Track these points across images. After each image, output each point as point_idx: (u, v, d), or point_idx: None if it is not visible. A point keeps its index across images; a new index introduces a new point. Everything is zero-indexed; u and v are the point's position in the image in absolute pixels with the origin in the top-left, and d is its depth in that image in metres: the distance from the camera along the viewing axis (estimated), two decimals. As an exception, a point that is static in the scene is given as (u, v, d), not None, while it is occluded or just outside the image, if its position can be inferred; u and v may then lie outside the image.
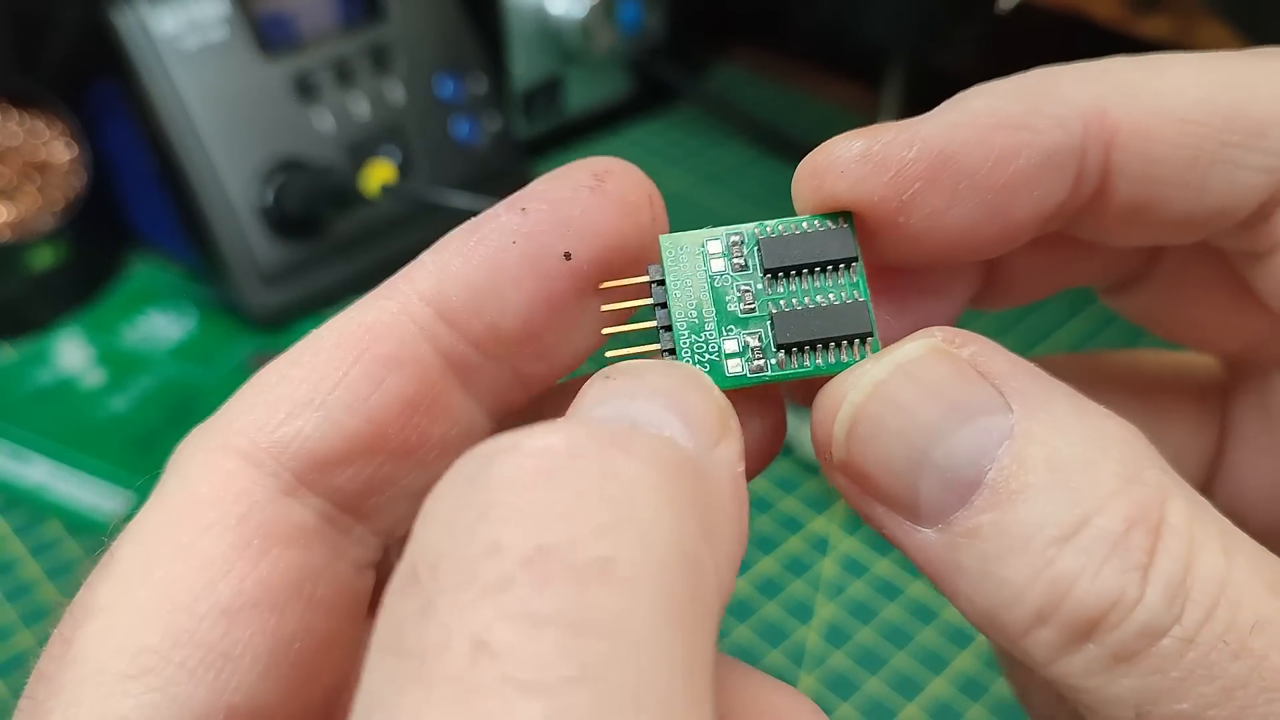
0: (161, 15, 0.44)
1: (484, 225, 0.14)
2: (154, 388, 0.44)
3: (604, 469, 0.10)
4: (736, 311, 0.14)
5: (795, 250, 0.15)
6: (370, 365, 0.13)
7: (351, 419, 0.13)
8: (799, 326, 0.14)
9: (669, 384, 0.12)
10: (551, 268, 0.14)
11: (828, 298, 0.14)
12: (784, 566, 0.37)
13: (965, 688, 0.33)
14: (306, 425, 0.13)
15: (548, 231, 0.14)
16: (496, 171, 0.53)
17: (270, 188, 0.46)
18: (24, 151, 0.47)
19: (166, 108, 0.44)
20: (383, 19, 0.49)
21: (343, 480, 0.13)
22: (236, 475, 0.13)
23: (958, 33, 0.54)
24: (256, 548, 0.13)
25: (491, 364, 0.14)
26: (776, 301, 0.14)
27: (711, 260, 0.15)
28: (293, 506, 0.13)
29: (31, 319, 0.47)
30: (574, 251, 0.14)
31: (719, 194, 0.56)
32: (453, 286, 0.14)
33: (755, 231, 0.15)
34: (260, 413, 0.13)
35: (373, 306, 0.14)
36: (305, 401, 0.13)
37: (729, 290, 0.15)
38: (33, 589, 0.36)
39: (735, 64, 0.67)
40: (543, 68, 0.56)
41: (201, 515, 0.13)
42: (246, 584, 0.12)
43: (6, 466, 0.40)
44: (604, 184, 0.14)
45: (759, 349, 0.14)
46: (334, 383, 0.13)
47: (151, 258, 0.51)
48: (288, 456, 0.13)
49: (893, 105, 0.57)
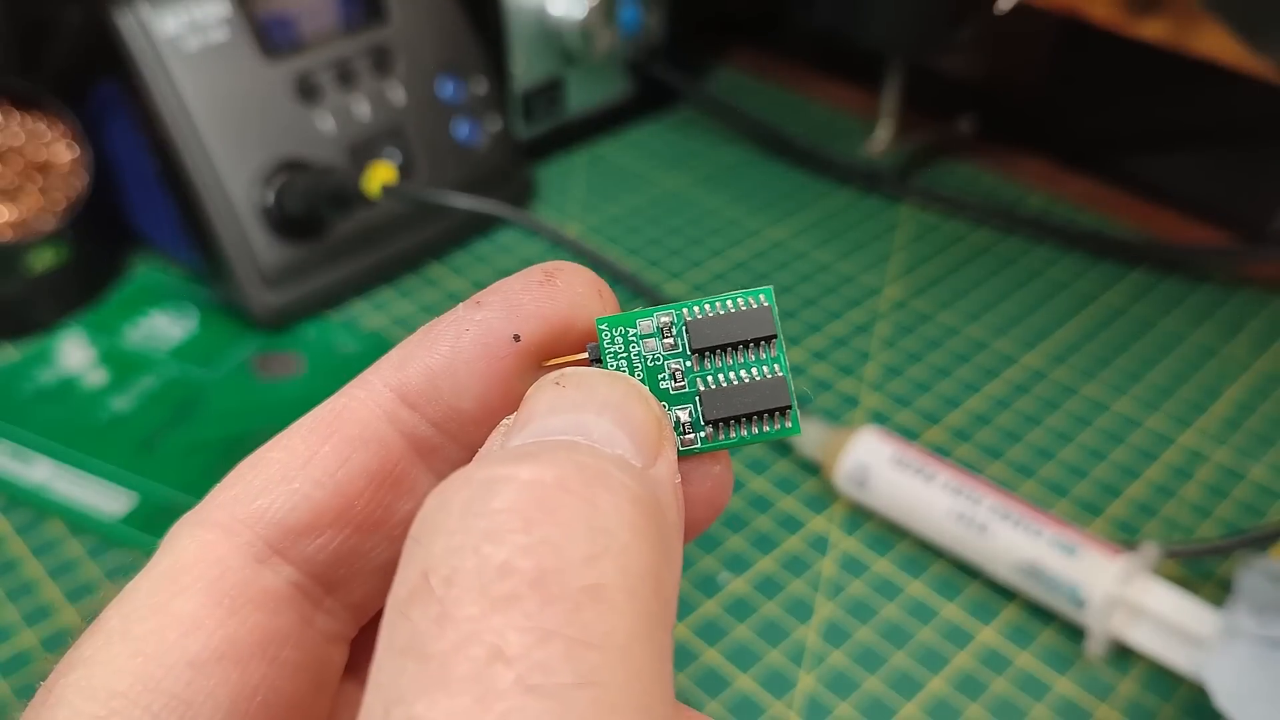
0: (163, 17, 0.44)
1: (443, 319, 0.16)
2: (156, 388, 0.44)
3: (589, 504, 0.12)
4: (669, 390, 0.16)
5: (719, 330, 0.16)
6: (338, 445, 0.15)
7: (319, 492, 0.15)
8: (724, 403, 0.15)
9: (614, 396, 0.14)
10: (501, 349, 0.15)
11: (750, 373, 0.16)
12: (783, 566, 0.37)
13: (964, 687, 0.33)
14: (279, 499, 0.15)
15: (499, 318, 0.15)
16: (497, 172, 0.53)
17: (271, 188, 0.46)
18: (26, 152, 0.47)
19: (168, 109, 0.44)
20: (384, 21, 0.49)
21: (312, 549, 0.15)
22: (214, 544, 0.14)
23: (956, 34, 0.54)
24: (226, 607, 0.14)
25: (452, 443, 0.16)
26: (704, 378, 0.16)
27: (644, 340, 0.16)
28: (264, 573, 0.14)
29: (33, 319, 0.47)
30: (522, 333, 0.15)
31: (719, 195, 0.56)
32: (412, 373, 0.15)
33: (685, 314, 0.16)
34: (238, 490, 0.15)
35: (344, 395, 0.16)
36: (279, 479, 0.15)
37: (661, 369, 0.16)
38: (34, 589, 0.36)
39: (735, 66, 0.68)
40: (543, 69, 0.56)
41: (179, 579, 0.14)
42: (214, 639, 0.14)
43: (8, 466, 0.40)
44: (554, 278, 0.16)
45: (689, 424, 0.15)
46: (305, 461, 0.15)
47: (153, 258, 0.52)
48: (261, 526, 0.14)
49: (892, 107, 0.57)
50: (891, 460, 0.37)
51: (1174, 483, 0.40)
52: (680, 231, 0.54)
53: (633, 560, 0.12)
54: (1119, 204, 0.55)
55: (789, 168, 0.59)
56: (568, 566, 0.11)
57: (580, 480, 0.12)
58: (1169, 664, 0.33)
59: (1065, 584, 0.34)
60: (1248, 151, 0.53)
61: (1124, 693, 0.33)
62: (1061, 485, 0.40)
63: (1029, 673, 0.34)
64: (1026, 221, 0.53)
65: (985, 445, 0.42)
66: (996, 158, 0.59)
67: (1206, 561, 0.37)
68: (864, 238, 0.53)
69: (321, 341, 0.47)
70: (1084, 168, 0.57)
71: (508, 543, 0.11)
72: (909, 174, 0.57)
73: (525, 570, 0.11)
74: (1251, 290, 0.50)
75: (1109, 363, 0.46)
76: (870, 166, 0.57)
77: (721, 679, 0.34)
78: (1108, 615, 0.33)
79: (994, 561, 0.35)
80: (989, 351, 0.46)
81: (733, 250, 0.52)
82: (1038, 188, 0.57)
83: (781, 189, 0.57)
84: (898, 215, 0.55)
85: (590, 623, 0.11)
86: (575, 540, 0.12)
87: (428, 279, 0.51)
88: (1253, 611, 0.32)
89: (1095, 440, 0.42)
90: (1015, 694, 0.33)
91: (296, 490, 0.15)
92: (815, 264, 0.52)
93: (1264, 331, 0.47)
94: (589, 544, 0.12)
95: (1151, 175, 0.55)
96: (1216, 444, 0.42)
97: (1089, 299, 0.49)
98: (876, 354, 0.46)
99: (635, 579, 0.12)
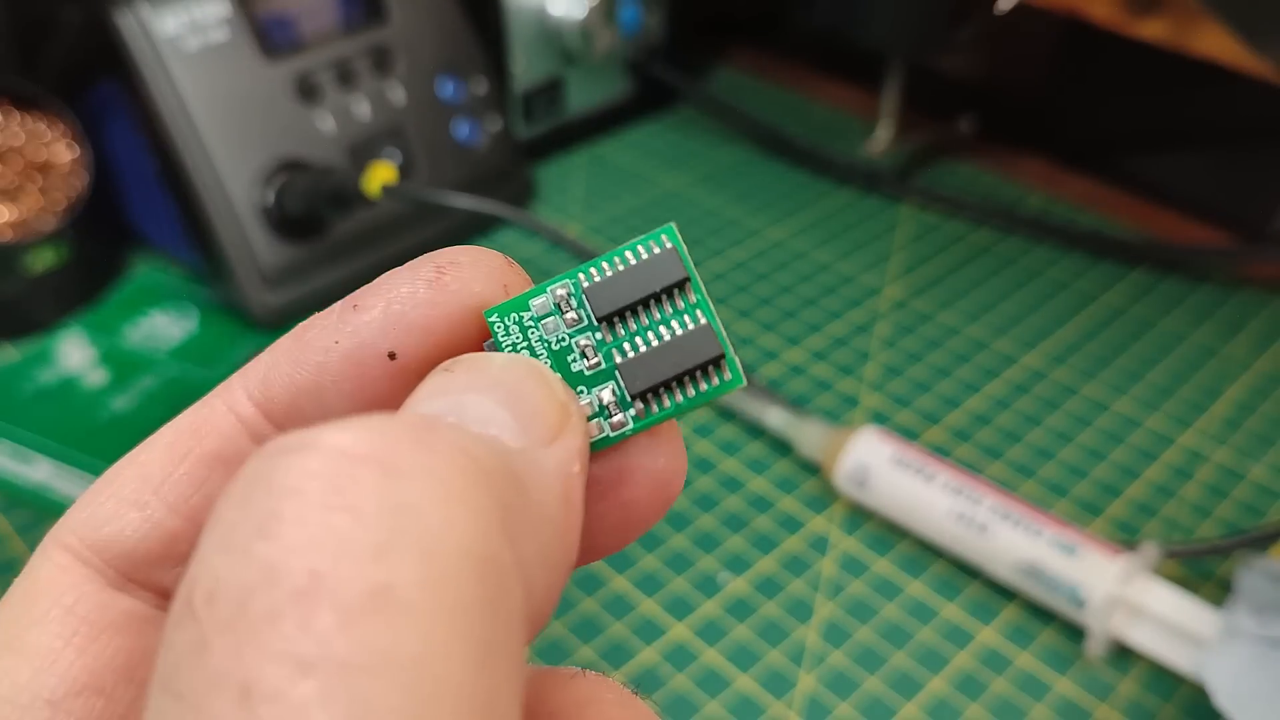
0: (163, 16, 0.44)
1: (315, 324, 0.13)
2: (156, 388, 0.44)
3: (389, 475, 0.10)
4: (583, 371, 0.13)
5: (623, 289, 0.13)
6: (195, 465, 0.13)
7: (174, 519, 0.13)
8: (647, 370, 0.13)
9: (508, 377, 0.12)
10: (374, 368, 0.13)
11: (670, 329, 0.13)
12: (783, 566, 0.37)
13: (964, 687, 0.33)
14: (128, 525, 0.13)
15: (373, 329, 0.13)
16: (497, 172, 0.53)
17: (271, 188, 0.46)
18: (26, 152, 0.47)
19: (168, 109, 0.44)
20: (384, 21, 0.49)
21: (169, 579, 0.13)
22: (68, 568, 0.13)
23: (956, 34, 0.54)
24: (84, 634, 0.13)
25: None
26: (619, 347, 0.13)
27: (543, 322, 0.13)
28: (122, 597, 0.13)
29: (33, 319, 0.47)
30: (399, 351, 0.13)
31: (719, 195, 0.56)
32: (276, 387, 0.13)
33: (580, 279, 0.13)
34: (89, 510, 0.13)
35: (206, 404, 0.14)
36: (131, 501, 0.13)
37: (569, 349, 0.13)
38: (35, 588, 0.36)
39: (735, 66, 0.68)
40: (543, 69, 0.56)
41: (33, 609, 0.13)
42: (72, 671, 0.12)
43: (9, 466, 0.40)
44: (444, 276, 0.13)
45: (614, 403, 0.13)
46: (160, 482, 0.13)
47: (153, 258, 0.52)
48: (111, 555, 0.13)
49: (892, 107, 0.57)
50: (891, 460, 0.37)
51: (1174, 483, 0.40)
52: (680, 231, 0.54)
53: (444, 543, 0.09)
54: (1119, 204, 0.55)
55: (789, 168, 0.59)
56: (345, 565, 0.09)
57: (381, 444, 0.10)
58: (1169, 664, 0.33)
59: (1065, 584, 0.34)
60: (1248, 151, 0.53)
61: (1124, 693, 0.33)
62: (1061, 485, 0.40)
63: (1029, 673, 0.34)
64: (1026, 221, 0.53)
65: (985, 445, 0.42)
66: (996, 158, 0.59)
67: (1206, 561, 0.37)
68: (864, 238, 0.53)
69: (321, 341, 0.47)
70: (1084, 168, 0.57)
71: (279, 537, 0.09)
72: (909, 174, 0.57)
73: (293, 575, 0.09)
74: (1251, 290, 0.50)
75: (1109, 363, 0.46)
76: (870, 166, 0.57)
77: (721, 679, 0.34)
78: (1108, 615, 0.33)
79: (994, 561, 0.35)
80: (989, 351, 0.46)
81: (733, 250, 0.52)
82: (1038, 188, 0.57)
83: (781, 189, 0.57)
84: (898, 215, 0.55)
85: (367, 642, 0.09)
86: (362, 525, 0.09)
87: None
88: (1253, 611, 0.32)
89: (1095, 440, 0.42)
90: (1015, 694, 0.33)
91: (149, 516, 0.13)
92: (815, 264, 0.52)
93: (1264, 331, 0.47)
94: (380, 529, 0.09)
95: (1151, 175, 0.55)
96: (1216, 444, 0.42)
97: (1089, 299, 0.49)
98: (876, 354, 0.46)
99: (443, 567, 0.09)
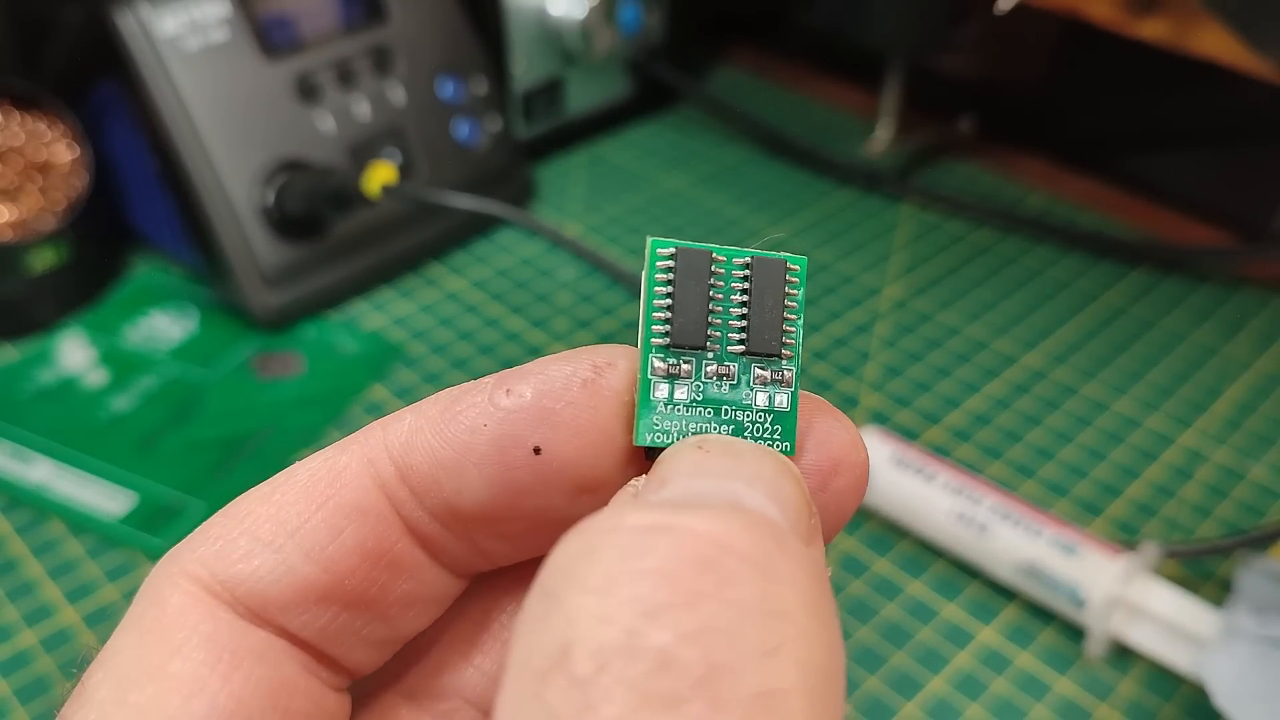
0: (163, 17, 0.44)
1: (465, 398, 0.13)
2: (156, 388, 0.44)
3: (763, 575, 0.10)
4: (725, 390, 0.14)
5: (687, 312, 0.14)
6: (332, 513, 0.13)
7: (308, 566, 0.13)
8: (763, 330, 0.14)
9: (765, 469, 0.12)
10: (518, 458, 0.13)
11: (742, 290, 0.14)
12: (783, 566, 0.37)
13: (964, 687, 0.33)
14: (262, 566, 0.13)
15: (524, 420, 0.13)
16: (497, 172, 0.53)
17: (272, 188, 0.46)
18: (26, 152, 0.47)
19: (168, 109, 0.44)
20: (384, 21, 0.49)
21: (296, 624, 0.13)
22: (199, 597, 0.13)
23: (957, 34, 0.54)
24: (227, 662, 0.13)
25: (449, 535, 0.14)
26: (726, 342, 0.14)
27: (676, 403, 0.14)
28: (253, 629, 0.13)
29: (33, 319, 0.47)
30: (545, 447, 0.13)
31: (719, 195, 0.56)
32: (418, 454, 0.13)
33: (654, 339, 0.13)
34: (220, 545, 0.13)
35: (346, 450, 0.14)
36: (266, 542, 0.13)
37: (711, 386, 0.14)
38: (34, 589, 0.36)
39: (735, 66, 0.68)
40: (543, 69, 0.56)
41: (170, 636, 0.13)
42: (220, 699, 0.12)
43: (9, 466, 0.40)
44: (599, 379, 0.13)
45: (765, 386, 0.14)
46: (296, 526, 0.13)
47: (153, 258, 0.52)
48: (241, 592, 0.13)
49: (892, 107, 0.57)
50: (891, 460, 0.37)
51: (1174, 483, 0.40)
52: (680, 231, 0.54)
53: (813, 655, 0.10)
54: (1119, 204, 0.55)
55: (789, 168, 0.59)
56: (740, 662, 0.09)
57: (751, 542, 0.10)
58: (1169, 664, 0.33)
59: (1065, 584, 0.34)
60: (1248, 151, 0.53)
61: (1124, 693, 0.33)
62: (1061, 485, 0.40)
63: (1029, 673, 0.34)
64: (1026, 221, 0.53)
65: (985, 445, 0.42)
66: (996, 158, 0.59)
67: (1206, 561, 0.37)
68: (864, 238, 0.53)
69: (321, 341, 0.47)
70: (1084, 168, 0.57)
71: (669, 622, 0.09)
72: (909, 174, 0.57)
73: (689, 664, 0.09)
74: (1251, 290, 0.50)
75: (1109, 363, 0.46)
76: (870, 166, 0.57)
77: (721, 679, 0.34)
78: (1108, 615, 0.33)
79: (994, 561, 0.35)
80: (989, 351, 0.46)
81: (733, 250, 0.52)
82: (1038, 188, 0.57)
83: (781, 189, 0.57)
84: (898, 215, 0.55)
85: None
86: (749, 626, 0.10)
87: (428, 279, 0.51)
88: (1253, 611, 0.32)
89: (1095, 440, 0.42)
90: (1015, 694, 0.33)
91: (282, 561, 0.13)
92: (815, 264, 0.51)
93: (1264, 331, 0.47)
94: (764, 632, 0.10)
95: (1151, 175, 0.55)
96: (1216, 444, 0.42)
97: (1089, 299, 0.49)
98: (876, 354, 0.46)
99: (816, 679, 0.10)
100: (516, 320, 0.48)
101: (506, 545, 0.14)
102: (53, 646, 0.35)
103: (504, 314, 0.48)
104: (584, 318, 0.48)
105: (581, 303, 0.49)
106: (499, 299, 0.49)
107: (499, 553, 0.14)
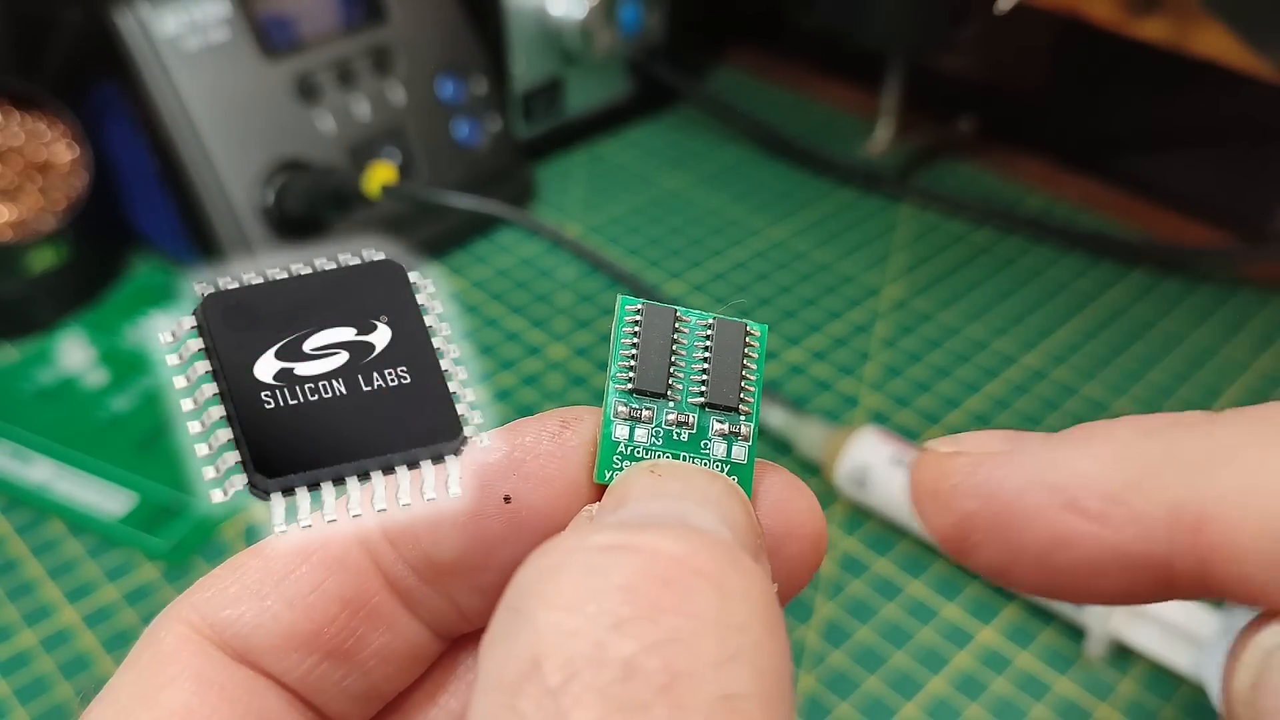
0: (163, 17, 0.44)
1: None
2: (156, 388, 0.44)
3: (719, 591, 0.11)
4: (683, 437, 0.14)
5: (648, 359, 0.14)
6: (316, 566, 0.14)
7: (290, 613, 0.14)
8: (722, 382, 0.14)
9: (714, 492, 0.13)
10: (489, 508, 0.14)
11: (702, 346, 0.15)
12: (783, 566, 0.37)
13: (964, 687, 0.33)
14: (248, 612, 0.14)
15: (496, 470, 0.14)
16: (497, 172, 0.53)
17: (271, 188, 0.46)
18: (26, 152, 0.47)
19: (168, 109, 0.44)
20: (383, 20, 0.49)
21: (279, 670, 0.14)
22: (190, 640, 0.14)
23: (956, 34, 0.54)
24: (216, 694, 0.13)
25: (428, 589, 0.15)
26: (687, 394, 0.15)
27: (635, 444, 0.14)
28: (241, 668, 0.14)
29: (33, 319, 0.47)
30: (515, 496, 0.14)
31: (719, 195, 0.56)
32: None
33: (614, 382, 0.14)
34: (213, 592, 0.14)
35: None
36: (254, 590, 0.14)
37: (670, 434, 0.14)
38: (34, 588, 0.36)
39: (735, 66, 0.68)
40: (543, 69, 0.56)
41: (163, 670, 0.13)
42: None
43: (8, 466, 0.40)
44: (567, 429, 0.14)
45: (723, 438, 0.14)
46: (281, 577, 0.14)
47: (153, 258, 0.52)
48: (228, 635, 0.14)
49: (892, 107, 0.57)
50: (891, 460, 0.37)
51: (1174, 483, 0.40)
52: (680, 231, 0.54)
53: (767, 661, 0.11)
54: (1119, 204, 0.55)
55: (789, 168, 0.59)
56: (700, 669, 0.10)
57: (707, 560, 0.11)
58: (1169, 664, 0.33)
59: (1065, 584, 0.34)
60: (1248, 151, 0.53)
61: (1124, 693, 0.33)
62: (1061, 485, 0.40)
63: (1029, 673, 0.34)
64: (1026, 221, 0.53)
65: (985, 445, 0.42)
66: (996, 158, 0.59)
67: (1206, 561, 0.37)
68: (864, 238, 0.53)
69: (321, 341, 0.47)
70: (1084, 168, 0.57)
71: (634, 634, 0.10)
72: (909, 174, 0.57)
73: (654, 672, 0.10)
74: (1251, 290, 0.50)
75: (1109, 363, 0.46)
76: (870, 166, 0.57)
77: (721, 679, 0.34)
78: (1108, 615, 0.33)
79: (994, 561, 0.35)
80: (989, 351, 0.46)
81: (733, 250, 0.52)
82: (1038, 188, 0.57)
83: (781, 189, 0.57)
84: (897, 215, 0.55)
85: None
86: (707, 636, 0.10)
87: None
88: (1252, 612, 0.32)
89: (1095, 440, 0.42)
90: (1015, 694, 0.33)
91: (267, 608, 0.14)
92: (815, 264, 0.52)
93: (1264, 331, 0.47)
94: (721, 642, 0.10)
95: (1151, 175, 0.55)
96: (1216, 444, 0.42)
97: (1089, 299, 0.49)
98: (876, 354, 0.46)
99: (770, 683, 0.10)
100: (516, 320, 0.48)
101: (483, 601, 0.15)
102: (52, 646, 0.35)
103: (504, 314, 0.48)
104: (584, 318, 0.48)
105: (581, 303, 0.49)
106: (499, 299, 0.49)
107: (476, 610, 0.15)
